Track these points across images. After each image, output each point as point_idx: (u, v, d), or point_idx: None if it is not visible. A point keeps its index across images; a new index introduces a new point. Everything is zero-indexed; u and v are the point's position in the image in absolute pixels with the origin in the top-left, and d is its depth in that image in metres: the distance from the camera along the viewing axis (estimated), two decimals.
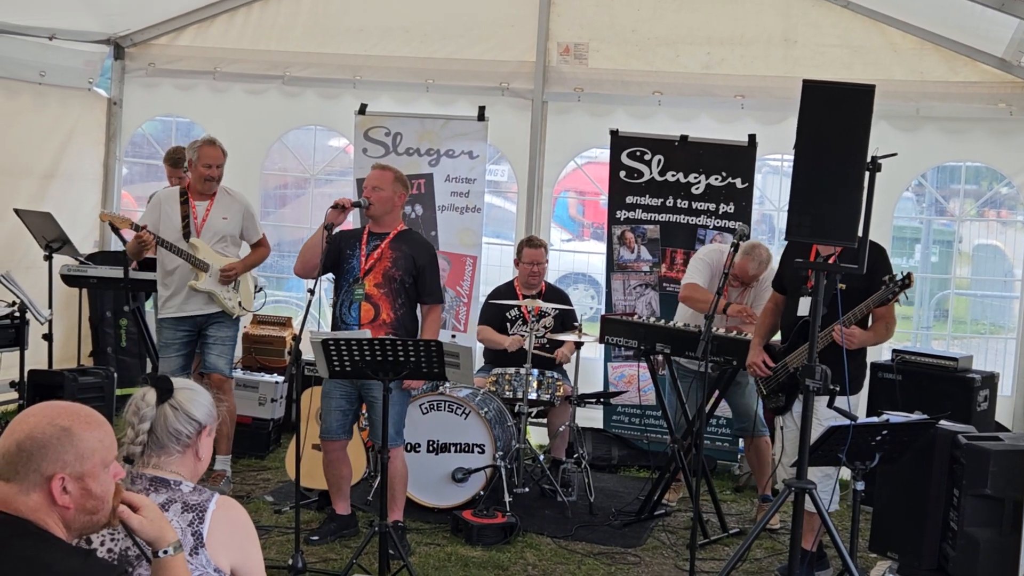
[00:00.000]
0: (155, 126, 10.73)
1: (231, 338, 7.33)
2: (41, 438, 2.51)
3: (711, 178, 8.32)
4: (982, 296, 10.99)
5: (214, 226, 7.22)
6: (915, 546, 5.69)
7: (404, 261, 6.33)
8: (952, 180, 10.23)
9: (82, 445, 2.54)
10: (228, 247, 7.30)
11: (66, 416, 2.57)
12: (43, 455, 2.50)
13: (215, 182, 7.21)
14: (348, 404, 6.35)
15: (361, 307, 6.29)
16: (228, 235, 7.28)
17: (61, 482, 2.51)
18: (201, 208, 7.21)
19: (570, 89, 8.97)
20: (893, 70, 8.16)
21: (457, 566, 6.16)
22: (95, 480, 2.56)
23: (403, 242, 6.40)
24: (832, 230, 4.89)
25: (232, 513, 3.01)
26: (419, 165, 8.71)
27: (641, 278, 8.60)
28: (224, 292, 7.20)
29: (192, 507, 2.94)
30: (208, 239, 7.19)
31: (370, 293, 6.30)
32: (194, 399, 3.08)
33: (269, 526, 6.61)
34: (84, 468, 2.54)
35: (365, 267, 6.32)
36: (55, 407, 2.61)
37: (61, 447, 2.52)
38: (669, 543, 6.78)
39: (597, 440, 8.69)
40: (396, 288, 6.32)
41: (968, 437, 5.58)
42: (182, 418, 3.03)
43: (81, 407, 2.63)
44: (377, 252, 6.34)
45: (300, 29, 9.45)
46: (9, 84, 8.89)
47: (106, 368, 7.96)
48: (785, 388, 6.04)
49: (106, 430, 2.63)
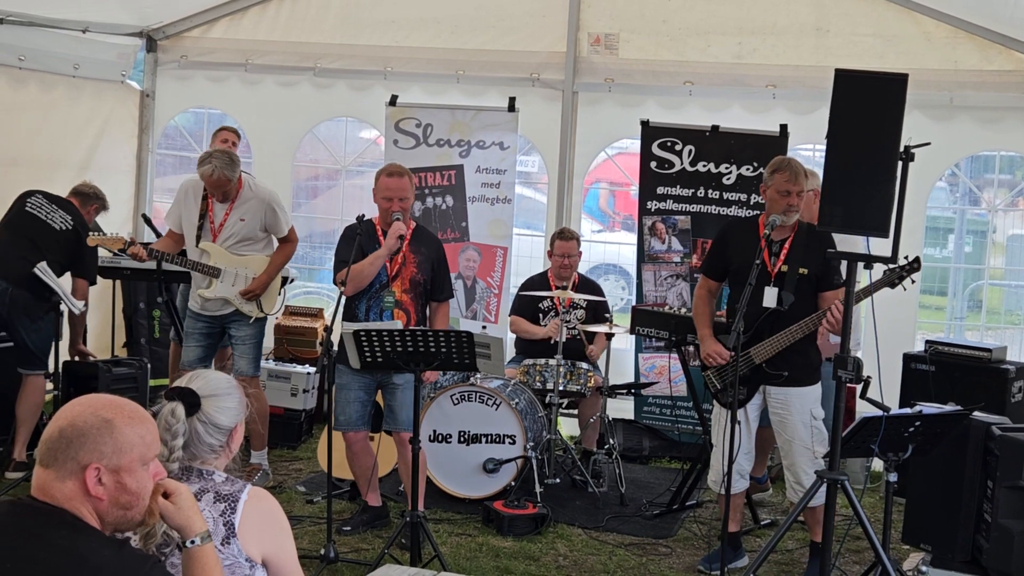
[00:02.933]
0: (187, 118, 10.78)
1: (253, 336, 7.17)
2: (82, 427, 2.53)
3: (742, 168, 8.29)
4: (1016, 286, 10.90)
5: (231, 228, 7.05)
6: (948, 538, 5.65)
7: (425, 263, 6.34)
8: (986, 170, 10.15)
9: (122, 439, 2.56)
10: (250, 246, 7.12)
11: (110, 408, 2.59)
12: (82, 444, 2.52)
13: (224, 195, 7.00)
14: (367, 395, 6.35)
15: (394, 315, 6.28)
16: (248, 236, 7.10)
17: (96, 472, 2.52)
18: (220, 210, 7.05)
19: (601, 80, 8.95)
20: (926, 59, 8.10)
21: (488, 556, 6.18)
22: (131, 475, 2.58)
23: (420, 243, 6.38)
24: (865, 220, 4.86)
25: (264, 504, 3.03)
26: (450, 156, 8.72)
27: (672, 269, 8.57)
28: (240, 298, 7.06)
29: (224, 497, 2.95)
30: (225, 242, 7.05)
31: (400, 299, 6.30)
32: (220, 406, 3.09)
33: (301, 516, 6.64)
34: (121, 461, 2.56)
35: (392, 272, 6.30)
36: (102, 399, 2.63)
37: (100, 438, 2.54)
38: (701, 534, 6.77)
39: (628, 431, 8.69)
40: (420, 292, 6.37)
41: (1002, 428, 5.53)
42: (212, 431, 3.06)
43: (127, 402, 2.65)
44: (400, 256, 6.31)
45: (331, 21, 9.47)
46: (44, 77, 8.96)
47: (140, 359, 8.02)
48: (746, 381, 5.90)
49: (149, 427, 2.65)
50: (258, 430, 7.26)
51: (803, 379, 5.84)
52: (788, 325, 5.73)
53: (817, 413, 5.84)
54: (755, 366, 5.85)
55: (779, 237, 5.88)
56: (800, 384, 5.84)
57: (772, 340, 5.78)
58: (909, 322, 8.26)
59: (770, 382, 5.87)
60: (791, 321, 5.72)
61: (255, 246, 7.17)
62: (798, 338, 5.72)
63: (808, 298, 5.77)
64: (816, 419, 5.83)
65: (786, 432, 5.89)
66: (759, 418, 6.08)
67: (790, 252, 5.82)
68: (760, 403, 5.99)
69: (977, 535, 5.55)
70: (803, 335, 5.71)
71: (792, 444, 5.86)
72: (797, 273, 5.75)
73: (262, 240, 7.21)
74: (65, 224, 7.25)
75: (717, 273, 6.20)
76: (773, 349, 5.78)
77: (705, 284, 6.28)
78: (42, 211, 7.24)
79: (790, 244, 5.84)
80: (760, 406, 6.00)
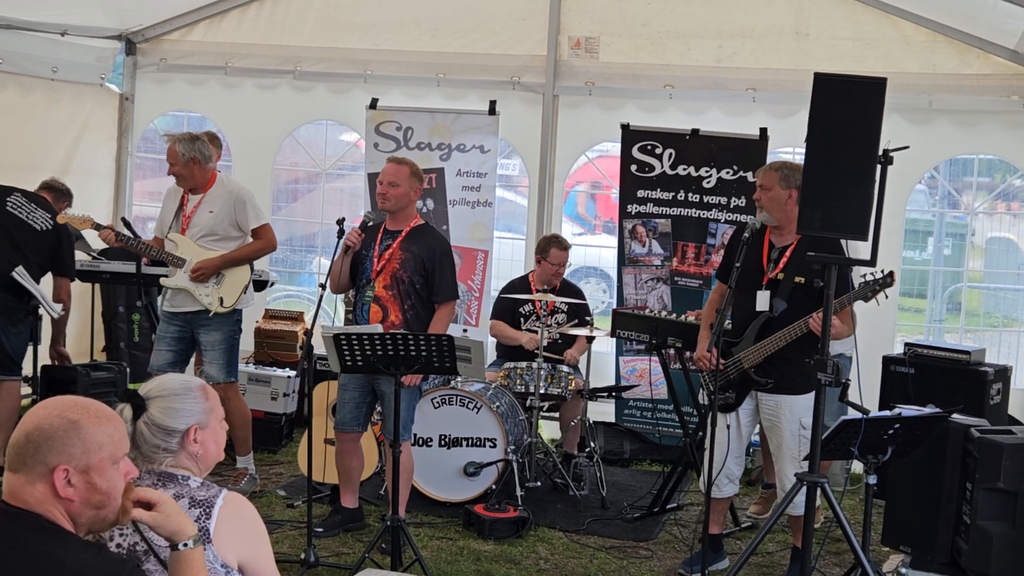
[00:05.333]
0: (167, 121, 10.75)
1: (222, 341, 6.99)
2: (48, 429, 2.53)
3: (722, 172, 8.30)
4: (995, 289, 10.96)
5: (200, 221, 6.97)
6: (928, 540, 5.67)
7: (413, 262, 6.26)
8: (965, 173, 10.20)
9: (90, 439, 2.56)
10: (217, 241, 6.98)
11: (76, 409, 2.59)
12: (49, 446, 2.52)
13: (177, 178, 6.98)
14: (362, 396, 6.32)
15: (370, 309, 6.27)
16: (215, 229, 6.97)
17: (65, 474, 2.52)
18: (193, 202, 7.01)
19: (581, 83, 8.96)
20: (905, 63, 8.14)
21: (469, 560, 6.17)
22: (101, 475, 2.57)
23: (413, 242, 6.32)
24: (844, 223, 4.87)
25: (240, 509, 3.01)
26: (430, 159, 8.71)
27: (652, 272, 8.59)
28: (198, 289, 6.91)
29: (199, 503, 2.94)
30: (193, 234, 6.96)
31: (379, 295, 6.27)
32: (170, 408, 3.05)
33: (281, 520, 6.61)
34: (91, 461, 2.55)
35: (376, 268, 6.29)
36: (67, 401, 2.62)
37: (68, 439, 2.53)
38: (681, 537, 6.78)
39: (609, 434, 8.69)
40: (405, 290, 6.26)
41: (981, 431, 5.55)
42: (158, 432, 3.02)
43: (93, 402, 2.64)
44: (388, 252, 6.29)
45: (311, 24, 9.45)
46: (22, 80, 8.92)
47: (119, 363, 8.00)
48: (735, 385, 5.91)
49: (116, 426, 2.64)
50: (241, 435, 7.18)
51: (793, 387, 5.79)
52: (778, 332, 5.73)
53: (807, 423, 5.76)
54: (744, 371, 5.86)
55: (781, 244, 5.86)
56: (790, 392, 5.80)
57: (759, 346, 5.78)
58: (889, 324, 8.29)
59: (758, 388, 5.87)
60: (783, 328, 5.71)
61: (227, 244, 7.01)
62: (782, 345, 5.71)
63: (805, 308, 5.66)
64: (806, 428, 5.73)
65: (775, 439, 5.89)
66: (752, 423, 6.07)
67: (790, 260, 5.80)
68: (752, 408, 5.96)
69: (956, 537, 5.57)
70: (787, 342, 5.69)
71: (780, 451, 5.86)
72: (792, 282, 5.73)
73: (236, 239, 7.05)
74: (46, 224, 7.14)
75: (727, 277, 6.07)
76: (761, 355, 5.78)
77: (719, 288, 6.24)
78: (23, 211, 7.10)
79: (791, 252, 5.82)
80: (753, 411, 5.98)
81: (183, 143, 6.90)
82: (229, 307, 6.97)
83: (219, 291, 6.96)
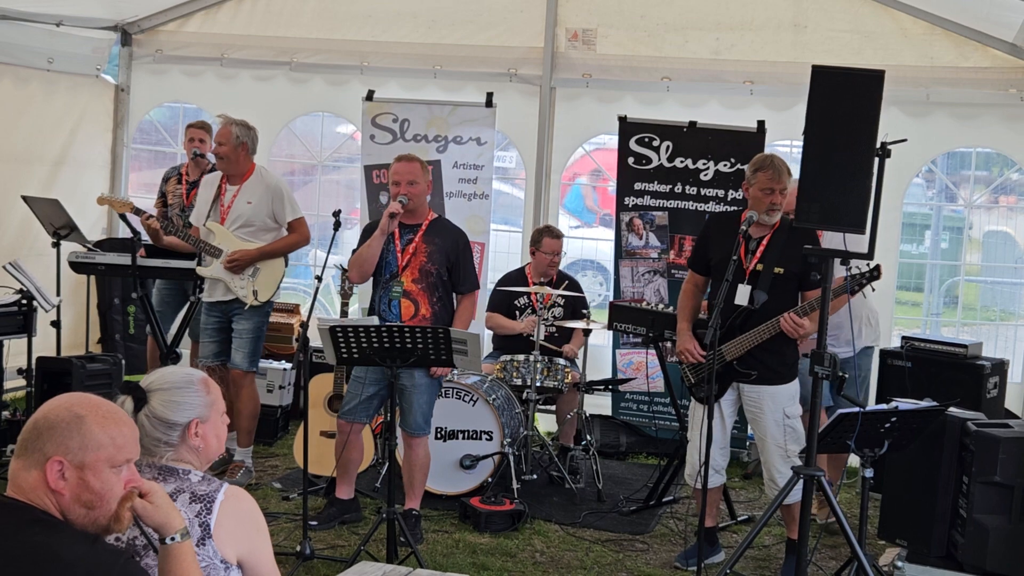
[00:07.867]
0: (163, 113, 10.72)
1: (250, 331, 7.08)
2: (53, 420, 2.55)
3: (720, 164, 8.29)
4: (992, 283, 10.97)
5: (237, 210, 7.03)
6: (924, 533, 5.67)
7: (438, 254, 6.30)
8: (962, 166, 10.21)
9: (90, 436, 2.55)
10: (255, 232, 7.04)
11: (84, 406, 2.59)
12: (50, 436, 2.53)
13: (220, 160, 7.09)
14: (376, 391, 6.30)
15: (401, 304, 6.28)
16: (253, 220, 7.03)
17: (59, 466, 2.51)
18: (231, 192, 7.08)
19: (578, 75, 8.94)
20: (903, 55, 8.12)
21: (465, 553, 6.16)
22: (96, 475, 2.56)
23: (436, 234, 6.35)
24: (842, 216, 4.86)
25: (240, 504, 3.00)
26: (427, 152, 8.69)
27: (649, 265, 8.57)
28: (234, 280, 6.99)
29: (200, 497, 2.93)
30: (231, 224, 7.03)
31: (409, 289, 6.28)
32: (171, 401, 3.04)
33: (277, 513, 6.61)
34: (86, 459, 2.54)
35: (402, 263, 6.29)
36: (80, 397, 2.64)
37: (68, 432, 2.53)
38: (677, 530, 6.78)
39: (605, 427, 8.69)
40: (433, 282, 6.31)
41: (978, 424, 5.55)
42: (159, 425, 3.01)
43: (107, 403, 2.65)
44: (412, 247, 6.30)
45: (308, 15, 9.43)
46: (18, 71, 8.89)
47: (114, 355, 7.95)
48: (718, 377, 5.82)
49: (123, 431, 2.63)
50: (247, 427, 7.22)
51: (776, 378, 5.82)
52: (760, 324, 5.73)
53: (791, 412, 5.81)
54: (726, 363, 5.85)
55: (758, 234, 5.86)
56: (772, 383, 5.82)
57: (741, 339, 5.77)
58: (886, 318, 8.28)
59: (740, 380, 5.87)
60: (765, 320, 5.71)
61: (263, 235, 7.08)
62: (764, 339, 5.72)
63: (787, 297, 5.74)
64: (790, 418, 5.79)
65: (759, 430, 5.90)
66: (735, 414, 6.09)
67: (766, 250, 5.80)
68: (735, 399, 5.98)
69: (953, 530, 5.58)
70: (769, 336, 5.70)
71: (765, 442, 5.87)
72: (772, 272, 5.73)
73: (272, 231, 7.12)
74: None
75: (701, 267, 6.12)
76: (742, 348, 5.78)
77: (692, 278, 6.22)
78: None
79: (767, 242, 5.82)
80: (735, 402, 6.00)
81: (240, 127, 7.04)
82: (262, 301, 7.08)
83: (254, 284, 7.05)
